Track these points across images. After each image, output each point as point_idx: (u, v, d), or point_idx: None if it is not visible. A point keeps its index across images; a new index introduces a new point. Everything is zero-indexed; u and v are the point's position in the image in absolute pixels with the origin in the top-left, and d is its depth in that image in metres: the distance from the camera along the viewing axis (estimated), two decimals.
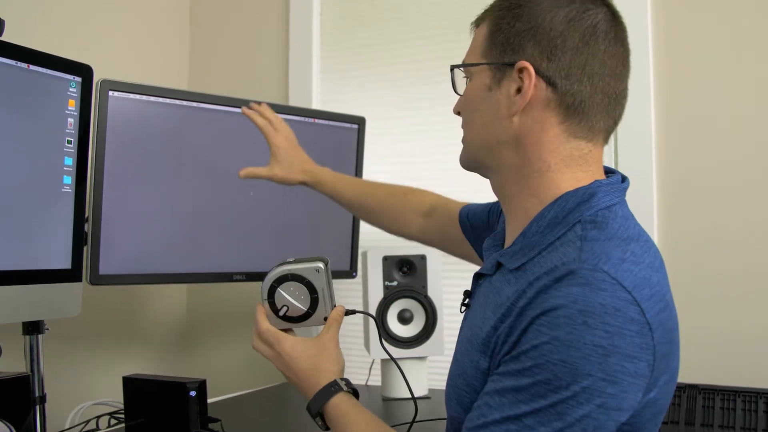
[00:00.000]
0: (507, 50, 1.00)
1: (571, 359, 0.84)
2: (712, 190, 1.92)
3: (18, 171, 1.40)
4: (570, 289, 0.86)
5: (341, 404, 1.10)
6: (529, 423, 0.86)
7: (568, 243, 0.93)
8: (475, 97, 1.05)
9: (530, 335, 0.88)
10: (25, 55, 1.40)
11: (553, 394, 0.85)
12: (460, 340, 1.07)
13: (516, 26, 0.99)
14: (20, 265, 1.42)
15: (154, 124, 1.69)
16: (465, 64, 1.08)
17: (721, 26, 1.93)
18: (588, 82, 0.99)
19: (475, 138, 1.07)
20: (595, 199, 0.97)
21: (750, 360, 1.84)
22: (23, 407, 1.24)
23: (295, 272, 1.18)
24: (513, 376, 0.89)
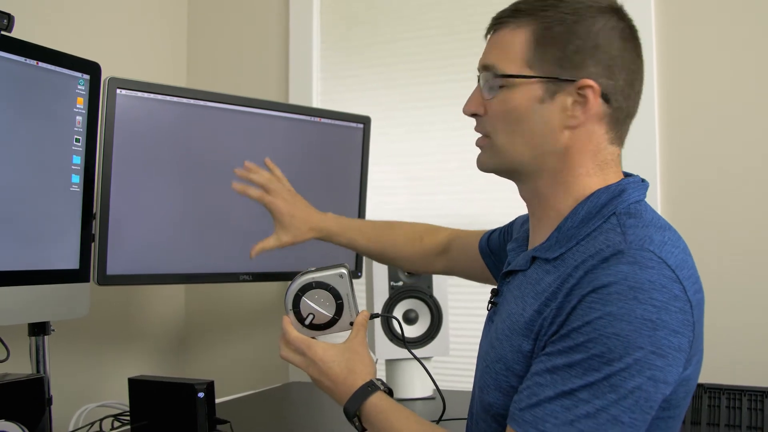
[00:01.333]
0: (566, 66, 1.03)
1: (623, 332, 0.89)
2: (717, 189, 1.93)
3: (26, 169, 1.39)
4: (620, 267, 0.92)
5: (380, 402, 1.11)
6: (583, 397, 0.90)
7: (607, 231, 0.99)
8: (522, 107, 1.05)
9: (581, 312, 0.92)
10: (33, 51, 1.38)
11: (607, 367, 0.89)
12: (496, 329, 1.09)
13: (573, 42, 1.03)
14: (27, 266, 1.40)
15: (162, 123, 1.68)
16: (516, 75, 1.06)
17: (725, 24, 1.94)
18: (634, 97, 1.09)
19: (519, 147, 1.07)
20: (626, 194, 1.04)
21: (756, 359, 1.85)
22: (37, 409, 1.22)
23: (319, 280, 1.19)
24: (564, 353, 0.93)
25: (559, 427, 0.90)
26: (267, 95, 2.40)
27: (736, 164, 1.91)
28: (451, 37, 2.23)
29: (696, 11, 1.97)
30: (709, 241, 1.91)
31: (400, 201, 2.28)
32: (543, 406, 0.92)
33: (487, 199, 2.16)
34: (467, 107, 1.13)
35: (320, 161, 1.96)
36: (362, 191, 2.03)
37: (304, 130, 1.91)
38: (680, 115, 1.97)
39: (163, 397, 1.50)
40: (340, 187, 2.01)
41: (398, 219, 2.26)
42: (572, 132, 1.05)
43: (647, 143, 1.98)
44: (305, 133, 1.92)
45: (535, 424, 0.92)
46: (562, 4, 1.05)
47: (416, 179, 2.27)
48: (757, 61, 1.90)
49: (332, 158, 1.98)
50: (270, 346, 2.35)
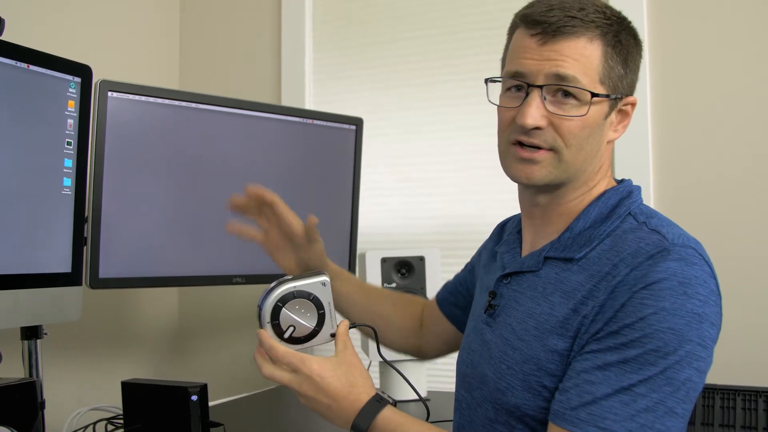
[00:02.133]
0: (623, 83, 1.08)
1: (677, 326, 0.93)
2: (710, 191, 1.94)
3: (17, 173, 1.38)
4: (668, 264, 0.96)
5: (392, 416, 1.07)
6: (640, 391, 0.93)
7: (632, 230, 1.03)
8: (594, 124, 1.06)
9: (632, 309, 0.95)
10: (24, 54, 1.38)
11: (663, 360, 0.93)
12: (512, 330, 1.08)
13: (628, 61, 1.08)
14: (19, 269, 1.40)
15: (153, 126, 1.67)
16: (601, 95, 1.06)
17: (718, 26, 1.95)
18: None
19: (581, 162, 1.08)
20: (634, 196, 1.11)
21: (749, 359, 1.85)
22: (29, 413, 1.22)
23: (300, 289, 1.11)
24: (616, 350, 0.95)
25: (620, 422, 0.92)
26: (260, 97, 2.40)
27: (730, 167, 1.92)
28: (446, 38, 2.23)
29: (688, 12, 1.98)
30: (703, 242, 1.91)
31: (395, 202, 2.28)
32: (599, 404, 0.94)
33: (481, 201, 2.16)
34: (533, 120, 1.05)
35: (313, 163, 1.95)
36: (355, 193, 2.03)
37: (296, 131, 1.91)
38: (673, 117, 1.98)
39: (157, 401, 1.49)
40: (333, 189, 2.01)
41: (393, 224, 2.28)
42: (608, 145, 1.12)
43: (640, 146, 1.99)
44: (297, 134, 1.91)
45: (594, 422, 0.93)
46: (622, 22, 1.09)
47: (410, 180, 2.27)
48: (750, 63, 1.91)
49: (325, 160, 1.98)
50: None
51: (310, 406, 1.10)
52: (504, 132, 1.10)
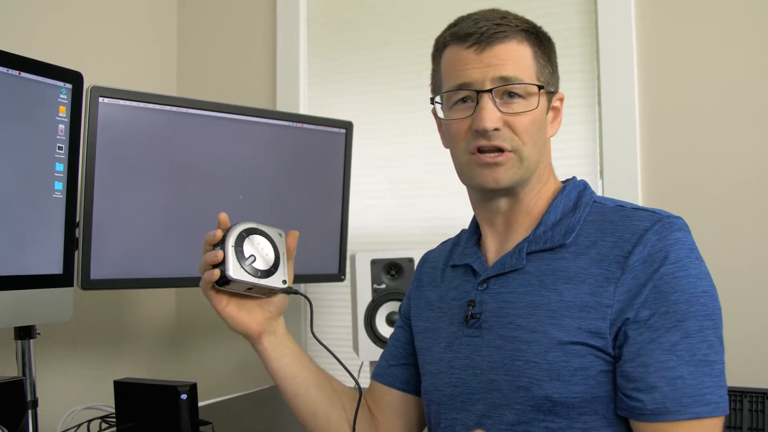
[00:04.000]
0: (553, 81, 1.17)
1: (706, 287, 1.02)
2: (698, 193, 1.95)
3: (9, 177, 1.41)
4: (674, 235, 1.04)
5: None
6: (712, 357, 0.99)
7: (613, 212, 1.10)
8: (541, 117, 1.13)
9: (670, 285, 1.01)
10: (15, 62, 1.41)
11: (710, 321, 1.01)
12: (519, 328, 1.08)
13: (554, 64, 1.18)
14: (11, 271, 1.42)
15: (144, 130, 1.70)
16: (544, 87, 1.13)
17: (705, 28, 1.96)
18: None
19: (539, 158, 1.14)
20: (589, 187, 1.18)
21: (757, 360, 1.85)
22: (17, 411, 1.25)
23: (263, 230, 1.18)
24: (675, 328, 1.00)
25: (715, 391, 0.98)
26: (255, 100, 2.43)
27: (718, 169, 1.93)
28: None
29: (676, 13, 1.99)
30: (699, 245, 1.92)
31: (385, 204, 2.31)
32: (691, 384, 0.98)
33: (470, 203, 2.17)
34: (491, 122, 1.08)
35: (303, 166, 1.98)
36: (345, 195, 2.06)
37: (286, 135, 1.94)
38: (661, 120, 1.99)
39: (148, 399, 1.52)
40: (323, 192, 2.03)
41: (383, 226, 2.30)
42: (548, 139, 1.18)
43: (628, 148, 2.00)
44: (288, 138, 1.94)
45: (697, 402, 0.98)
46: (535, 25, 1.16)
47: (401, 182, 2.29)
48: (739, 65, 1.92)
49: (315, 163, 2.00)
50: None
51: None
52: (460, 144, 1.13)
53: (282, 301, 1.22)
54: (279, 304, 1.22)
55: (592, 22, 2.07)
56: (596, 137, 2.07)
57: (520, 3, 2.19)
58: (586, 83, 2.09)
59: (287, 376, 1.24)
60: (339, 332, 2.31)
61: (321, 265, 2.04)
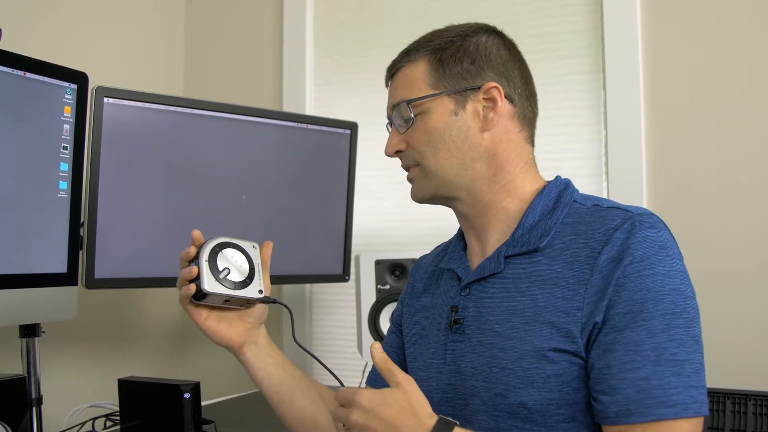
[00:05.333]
0: (467, 77, 1.14)
1: (676, 285, 0.99)
2: (702, 193, 1.94)
3: (14, 177, 1.42)
4: (644, 233, 1.01)
5: None
6: (681, 357, 0.96)
7: (588, 214, 1.08)
8: (440, 124, 1.14)
9: (635, 284, 0.99)
10: (21, 62, 1.42)
11: (680, 319, 0.97)
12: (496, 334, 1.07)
13: (467, 56, 1.15)
14: (16, 269, 1.44)
15: (148, 130, 1.71)
16: (424, 96, 1.14)
17: (711, 28, 1.96)
18: (531, 96, 1.19)
19: (449, 161, 1.14)
20: (570, 185, 1.16)
21: (760, 364, 1.85)
22: (20, 408, 1.26)
23: (236, 243, 1.21)
24: (639, 327, 0.97)
25: (683, 392, 0.94)
26: (262, 101, 2.44)
27: (724, 169, 1.93)
28: None
29: (682, 13, 1.98)
30: (694, 248, 1.91)
31: (390, 205, 2.31)
32: (656, 384, 0.95)
33: None
34: (388, 148, 1.19)
35: (308, 167, 1.98)
36: (349, 196, 2.06)
37: (291, 136, 1.94)
38: (666, 120, 1.99)
39: (151, 398, 1.53)
40: (327, 193, 2.03)
41: (387, 227, 2.30)
42: (491, 134, 1.14)
43: (633, 149, 2.00)
44: (293, 139, 1.94)
45: (663, 403, 0.94)
46: (446, 32, 1.18)
47: (404, 183, 2.28)
48: (744, 65, 1.92)
49: (320, 164, 2.01)
50: None
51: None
52: None
53: (262, 311, 1.26)
54: (259, 315, 1.26)
55: (598, 23, 2.07)
56: (601, 138, 2.07)
57: (525, 5, 2.20)
58: (591, 84, 2.09)
59: (271, 385, 1.27)
60: (343, 333, 2.32)
61: (325, 266, 2.04)
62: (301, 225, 2.00)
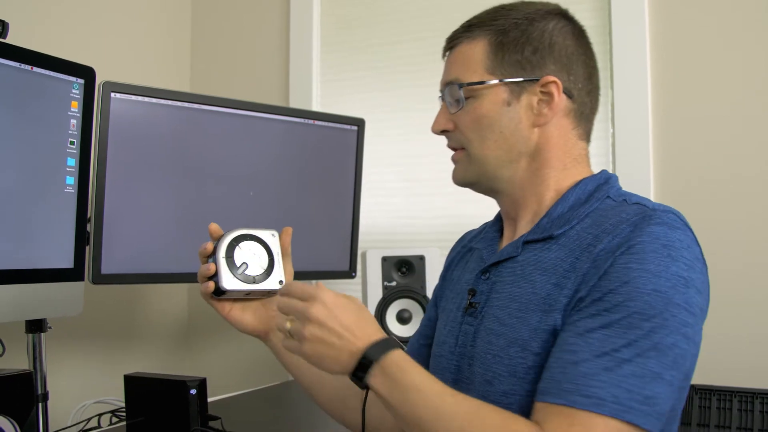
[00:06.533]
0: (526, 67, 1.09)
1: (662, 288, 0.92)
2: (710, 191, 1.94)
3: (21, 171, 1.42)
4: (651, 228, 0.95)
5: (408, 359, 0.98)
6: (625, 356, 0.90)
7: (614, 207, 1.04)
8: (491, 113, 1.09)
9: (616, 274, 0.94)
10: (28, 57, 1.42)
11: (647, 323, 0.91)
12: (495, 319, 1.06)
13: (530, 44, 1.09)
14: (23, 264, 1.44)
15: (155, 126, 1.71)
16: (479, 83, 1.09)
17: (719, 24, 1.95)
18: (595, 92, 1.14)
19: (494, 152, 1.10)
20: (612, 181, 1.11)
21: (746, 360, 1.85)
22: (26, 404, 1.26)
23: (253, 234, 1.19)
24: (598, 316, 0.93)
25: (606, 388, 0.89)
26: (268, 97, 2.43)
27: (732, 165, 1.92)
28: None
29: (690, 10, 1.98)
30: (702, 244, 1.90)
31: (397, 202, 2.31)
32: (583, 372, 0.90)
33: (480, 201, 2.13)
34: (435, 126, 1.15)
35: (315, 163, 1.98)
36: (356, 192, 2.06)
37: (298, 132, 1.94)
38: (674, 117, 1.98)
39: (158, 394, 1.53)
40: (334, 189, 2.03)
41: (394, 224, 2.30)
42: (542, 129, 1.09)
43: (641, 144, 2.00)
44: (300, 135, 1.94)
45: (580, 390, 0.90)
46: (513, 12, 1.11)
47: (412, 180, 2.29)
48: (753, 61, 1.91)
49: (327, 160, 2.00)
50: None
51: (316, 335, 0.99)
52: None
53: None
54: None
55: (606, 20, 2.06)
56: (609, 136, 2.06)
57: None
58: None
59: (300, 367, 1.25)
60: None
61: (332, 262, 2.04)
62: (308, 221, 1.99)
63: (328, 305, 0.99)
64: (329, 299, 0.99)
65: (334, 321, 0.98)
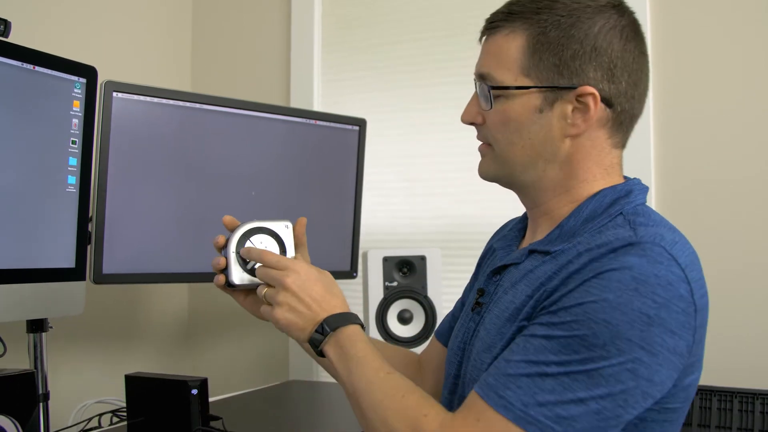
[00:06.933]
0: (564, 73, 1.00)
1: (614, 321, 0.87)
2: (711, 191, 1.94)
3: (23, 171, 1.42)
4: (627, 258, 0.90)
5: (363, 335, 1.06)
6: (551, 371, 0.88)
7: (615, 227, 0.97)
8: (521, 117, 1.03)
9: (577, 294, 0.90)
10: (30, 56, 1.41)
11: (586, 351, 0.87)
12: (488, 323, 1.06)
13: (570, 47, 1.00)
14: (24, 264, 1.43)
15: (157, 125, 1.71)
16: (512, 87, 1.03)
17: (721, 27, 1.95)
18: (639, 98, 1.06)
19: (520, 158, 1.05)
20: (632, 195, 1.03)
21: (747, 361, 1.85)
22: (28, 404, 1.25)
23: (266, 226, 1.20)
24: (546, 326, 0.91)
25: (520, 396, 0.88)
26: (270, 97, 2.43)
27: (733, 168, 1.92)
28: (450, 39, 2.25)
29: (693, 9, 1.98)
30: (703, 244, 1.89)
31: (398, 202, 2.31)
32: (509, 373, 0.91)
33: (482, 201, 2.18)
34: (465, 116, 1.10)
35: (316, 163, 1.98)
36: (357, 193, 2.05)
37: (300, 132, 1.94)
38: (676, 117, 1.98)
39: (159, 394, 1.52)
40: (336, 189, 2.03)
41: (395, 224, 2.29)
42: (573, 140, 1.03)
43: (642, 146, 1.99)
44: (301, 135, 1.94)
45: (497, 389, 0.90)
46: (558, 5, 1.01)
47: (413, 180, 2.29)
48: (754, 64, 1.91)
49: (328, 160, 2.00)
50: (272, 345, 2.38)
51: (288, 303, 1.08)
52: None
53: None
54: None
55: None
56: None
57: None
58: None
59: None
60: None
61: (333, 262, 2.04)
62: (310, 221, 1.97)
63: (301, 276, 1.08)
64: (303, 271, 1.09)
65: (305, 292, 1.07)
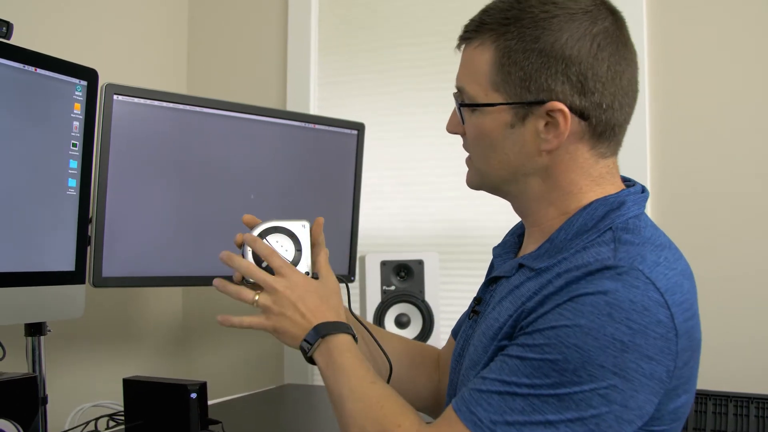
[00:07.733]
0: (531, 88, 0.97)
1: (586, 347, 0.86)
2: (707, 195, 1.95)
3: (23, 173, 1.41)
4: (602, 282, 0.88)
5: (350, 344, 1.08)
6: (522, 391, 0.89)
7: (600, 244, 0.94)
8: (493, 133, 1.01)
9: (551, 317, 0.89)
10: (31, 58, 1.41)
11: (557, 375, 0.87)
12: (473, 342, 1.06)
13: (536, 61, 0.96)
14: (24, 267, 1.43)
15: (158, 128, 1.70)
16: (480, 104, 1.01)
17: (717, 31, 1.96)
18: (620, 106, 1.00)
19: (497, 171, 1.04)
20: (624, 208, 0.99)
21: (742, 365, 1.86)
22: (30, 408, 1.25)
23: (282, 225, 1.21)
24: (519, 347, 0.91)
25: (489, 414, 0.89)
26: (266, 101, 2.43)
27: (729, 173, 1.93)
28: (448, 44, 2.22)
29: (689, 15, 1.99)
30: (698, 248, 1.92)
31: (396, 206, 2.31)
32: (482, 390, 0.92)
33: (480, 206, 2.18)
34: (448, 127, 1.10)
35: (314, 167, 1.98)
36: (356, 197, 2.05)
37: (298, 136, 1.93)
38: (671, 123, 1.99)
39: (157, 398, 1.52)
40: (334, 193, 2.03)
41: (393, 228, 2.30)
42: (550, 154, 1.00)
43: (638, 152, 2.00)
44: (300, 139, 1.94)
45: (468, 405, 0.92)
46: (526, 15, 0.97)
47: (411, 185, 2.29)
48: (750, 68, 1.92)
49: (326, 164, 2.00)
50: (267, 348, 2.38)
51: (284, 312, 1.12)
52: None
53: None
54: None
55: None
56: None
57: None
58: None
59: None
60: None
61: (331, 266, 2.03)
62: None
63: (300, 287, 1.12)
64: (301, 282, 1.12)
65: (302, 302, 1.11)
